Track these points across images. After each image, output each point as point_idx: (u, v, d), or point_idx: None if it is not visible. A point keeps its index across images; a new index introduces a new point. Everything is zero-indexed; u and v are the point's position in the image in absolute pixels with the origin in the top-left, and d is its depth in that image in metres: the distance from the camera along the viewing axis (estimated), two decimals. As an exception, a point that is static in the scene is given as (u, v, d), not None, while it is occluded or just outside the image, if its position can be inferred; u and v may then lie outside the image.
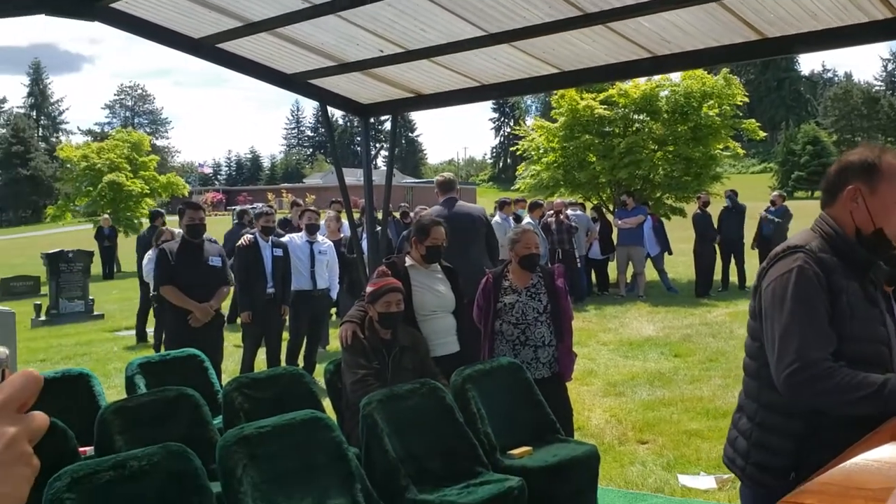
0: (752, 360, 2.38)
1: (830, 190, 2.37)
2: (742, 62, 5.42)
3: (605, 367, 8.39)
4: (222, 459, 3.02)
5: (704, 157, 15.40)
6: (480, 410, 3.98)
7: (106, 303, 15.71)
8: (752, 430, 2.36)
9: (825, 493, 1.21)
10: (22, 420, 0.69)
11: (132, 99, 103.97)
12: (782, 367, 2.13)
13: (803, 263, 2.21)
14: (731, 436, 2.47)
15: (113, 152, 25.60)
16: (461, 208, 6.63)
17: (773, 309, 2.22)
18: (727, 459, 2.49)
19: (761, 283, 2.33)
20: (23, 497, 0.68)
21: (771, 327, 2.21)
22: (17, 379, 0.69)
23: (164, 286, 6.09)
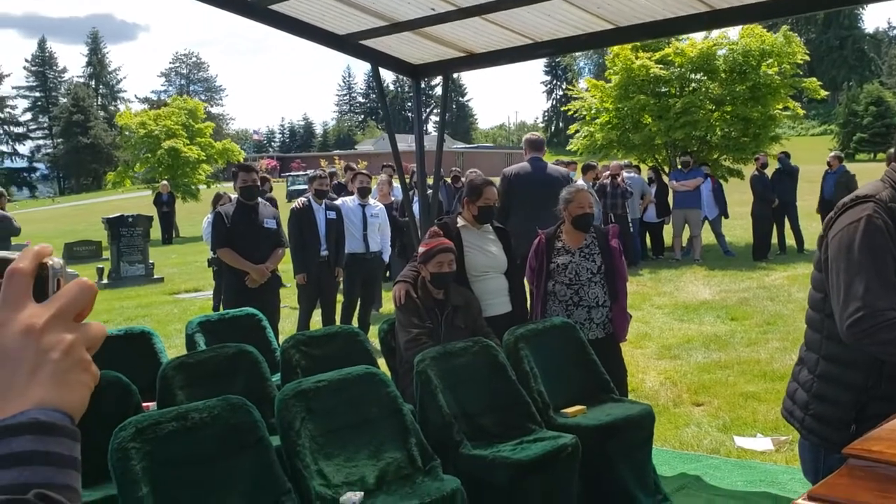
0: (816, 312, 2.35)
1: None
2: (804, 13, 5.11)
3: (660, 330, 8.31)
4: (281, 412, 3.09)
5: (763, 117, 14.99)
6: (533, 369, 3.98)
7: (165, 267, 16.09)
8: (813, 382, 2.34)
9: (894, 440, 1.18)
10: (79, 328, 0.70)
11: (187, 67, 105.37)
12: (846, 316, 2.09)
13: (872, 213, 2.16)
14: (791, 388, 2.46)
15: (170, 119, 26.03)
16: (545, 168, 6.55)
17: (839, 258, 2.18)
18: (785, 412, 2.47)
19: (828, 233, 2.29)
20: (83, 402, 0.69)
21: (836, 276, 2.18)
22: (72, 288, 0.71)
23: (220, 248, 6.20)
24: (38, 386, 0.66)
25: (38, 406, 0.65)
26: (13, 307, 0.68)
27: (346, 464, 3.09)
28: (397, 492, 3.02)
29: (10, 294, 0.69)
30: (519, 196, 6.23)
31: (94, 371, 0.71)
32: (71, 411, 0.67)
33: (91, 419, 3.00)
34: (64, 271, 0.71)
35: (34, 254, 0.71)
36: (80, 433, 0.68)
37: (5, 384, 0.66)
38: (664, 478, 4.36)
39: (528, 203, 6.03)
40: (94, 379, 0.71)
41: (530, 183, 6.29)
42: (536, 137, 6.95)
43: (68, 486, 0.65)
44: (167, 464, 2.79)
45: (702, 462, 4.65)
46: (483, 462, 3.33)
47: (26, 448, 0.63)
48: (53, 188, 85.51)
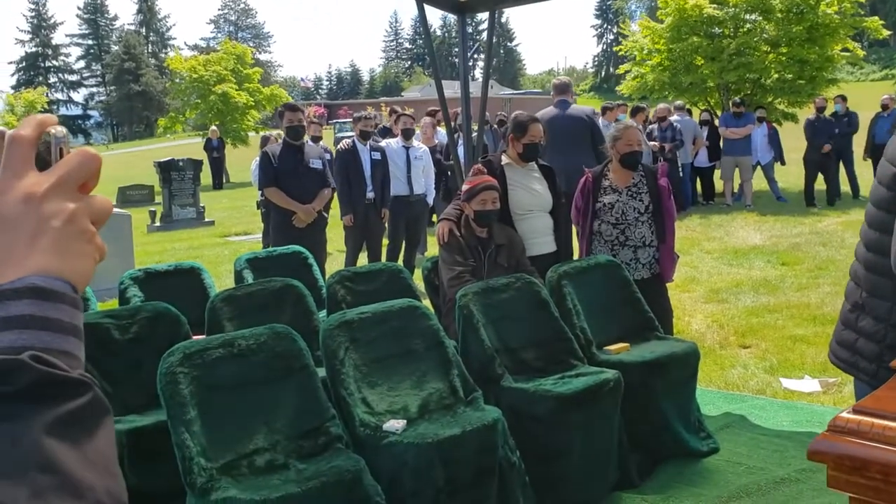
0: (882, 256, 2.16)
1: None
2: None
3: (708, 274, 8.20)
4: (325, 341, 3.14)
5: (821, 59, 14.45)
6: (576, 306, 3.96)
7: (216, 211, 16.35)
8: (887, 332, 2.19)
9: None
10: (83, 198, 0.68)
11: (235, 13, 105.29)
12: None
13: None
14: (848, 338, 2.32)
15: (219, 64, 26.16)
16: (572, 110, 7.16)
17: None
18: (844, 364, 2.34)
19: None
20: (86, 272, 0.67)
21: None
22: (74, 157, 0.69)
23: (268, 188, 6.26)
24: (39, 253, 0.64)
25: (38, 273, 0.64)
26: (14, 174, 0.66)
27: (388, 393, 3.14)
28: (439, 420, 3.06)
29: (10, 161, 0.66)
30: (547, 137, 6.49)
31: (99, 243, 0.69)
32: (73, 280, 0.66)
33: (142, 349, 3.10)
34: (67, 140, 0.70)
35: (38, 122, 0.69)
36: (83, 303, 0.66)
37: (5, 251, 0.64)
38: (708, 417, 4.35)
39: (555, 143, 6.34)
40: (100, 251, 0.69)
41: (556, 124, 6.89)
42: (560, 81, 7.60)
43: (67, 353, 0.63)
44: (214, 388, 2.86)
45: (747, 402, 4.62)
46: (524, 395, 3.35)
47: (24, 312, 0.62)
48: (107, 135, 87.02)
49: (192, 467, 2.65)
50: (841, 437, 1.12)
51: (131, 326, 3.66)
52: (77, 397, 0.62)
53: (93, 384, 0.64)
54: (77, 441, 0.60)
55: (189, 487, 2.66)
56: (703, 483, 3.62)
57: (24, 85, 74.68)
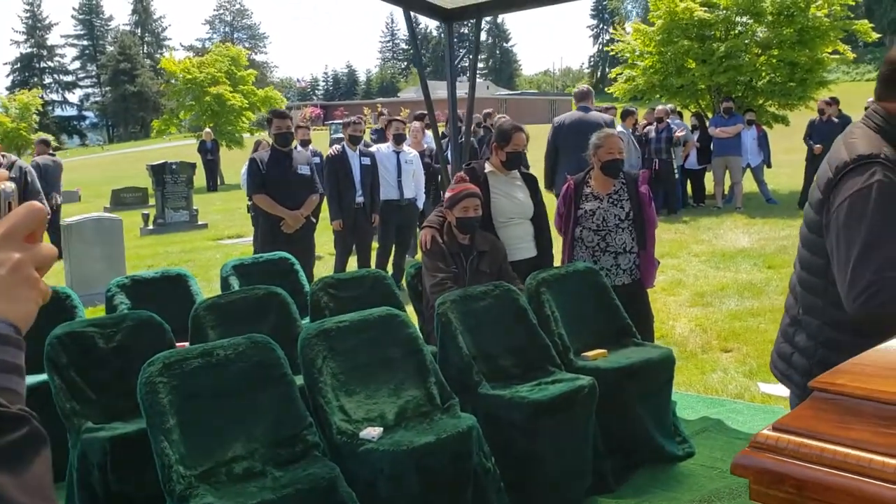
0: (817, 278, 2.22)
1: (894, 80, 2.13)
2: None
3: (695, 277, 8.28)
4: (303, 350, 3.20)
5: (811, 61, 14.54)
6: (554, 313, 4.03)
7: (209, 213, 16.39)
8: (817, 349, 2.25)
9: (859, 374, 1.21)
10: (28, 248, 0.76)
11: (231, 14, 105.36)
12: (856, 293, 1.99)
13: (883, 177, 2.01)
14: (785, 351, 2.38)
15: (213, 66, 26.21)
16: (591, 115, 7.85)
17: (847, 228, 2.04)
18: (780, 374, 2.41)
19: (830, 196, 2.13)
20: (30, 316, 0.75)
21: (846, 248, 2.04)
22: (21, 210, 0.76)
23: (256, 194, 6.32)
24: None
25: None
26: None
27: (366, 401, 3.21)
28: (415, 427, 3.12)
29: None
30: (567, 141, 7.56)
31: (44, 288, 0.77)
32: (17, 322, 0.74)
33: (126, 357, 3.15)
34: (15, 196, 0.77)
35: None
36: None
37: None
38: (686, 421, 4.42)
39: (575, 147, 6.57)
40: (43, 295, 0.77)
41: (575, 129, 7.55)
42: (581, 89, 8.45)
43: (9, 390, 0.71)
44: (193, 397, 2.92)
45: (725, 406, 4.69)
46: (501, 401, 3.41)
47: None
48: (103, 136, 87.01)
49: (171, 475, 2.72)
50: (761, 453, 1.19)
51: (116, 335, 3.72)
52: (16, 430, 0.70)
53: (31, 417, 0.71)
54: (15, 470, 0.68)
55: (168, 495, 2.72)
56: (678, 487, 3.70)
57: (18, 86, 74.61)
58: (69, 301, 4.55)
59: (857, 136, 2.18)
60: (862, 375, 1.20)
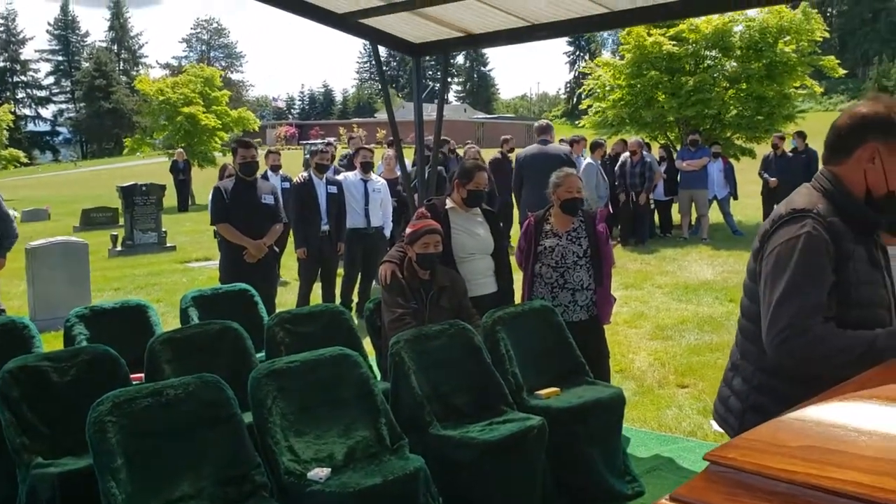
0: (752, 323, 2.31)
1: (842, 147, 2.24)
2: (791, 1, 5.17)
3: (657, 310, 8.38)
4: (253, 391, 3.22)
5: (778, 95, 14.85)
6: (509, 351, 4.08)
7: (178, 235, 16.31)
8: (749, 393, 2.33)
9: (749, 449, 1.27)
10: None
11: (208, 33, 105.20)
12: (774, 334, 2.11)
13: (812, 230, 2.13)
14: (724, 394, 2.46)
15: (187, 87, 26.16)
16: (550, 148, 8.37)
17: (774, 275, 2.16)
18: (718, 417, 2.49)
19: (764, 245, 2.25)
20: None
21: (770, 292, 2.15)
22: None
23: (219, 224, 6.33)
24: None
25: None
26: None
27: (315, 441, 3.23)
28: (363, 469, 3.15)
29: None
30: (528, 172, 8.07)
31: None
32: None
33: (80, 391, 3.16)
34: None
35: None
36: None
37: None
38: (639, 459, 4.48)
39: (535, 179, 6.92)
40: None
41: (536, 162, 8.05)
42: (541, 124, 8.82)
43: None
44: (142, 436, 2.93)
45: (678, 444, 4.76)
46: (451, 442, 3.45)
47: None
48: (76, 152, 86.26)
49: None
50: (658, 524, 1.24)
51: (70, 369, 3.72)
52: None
53: None
54: None
55: (113, 535, 2.72)
56: (627, 527, 3.75)
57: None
58: (27, 332, 4.52)
59: (801, 194, 2.30)
60: (752, 450, 1.26)
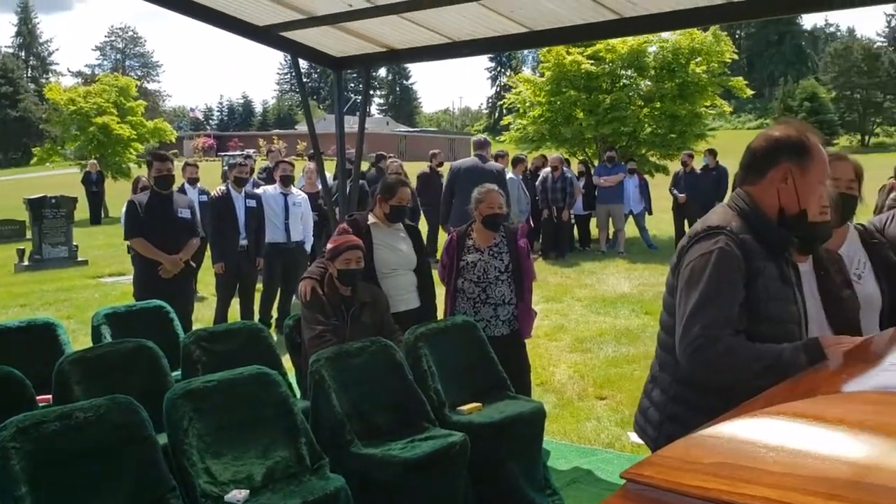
0: (670, 336, 2.38)
1: (757, 168, 2.35)
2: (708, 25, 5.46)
3: (576, 323, 8.53)
4: (169, 412, 3.13)
5: (690, 114, 15.38)
6: (431, 367, 4.08)
7: (91, 249, 15.75)
8: (667, 404, 2.40)
9: (663, 466, 1.29)
10: None
11: (123, 41, 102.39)
12: (686, 344, 2.19)
13: (724, 246, 2.23)
14: (644, 405, 2.53)
15: (100, 97, 25.37)
16: (485, 165, 8.78)
17: (687, 288, 2.25)
18: (638, 428, 2.55)
19: (681, 260, 2.35)
20: None
21: (684, 304, 2.25)
22: None
23: (133, 239, 6.15)
24: None
25: None
26: None
27: (234, 462, 3.16)
28: (283, 490, 3.09)
29: None
30: (462, 186, 8.23)
31: None
32: None
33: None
34: None
35: None
36: None
37: None
38: (558, 471, 4.53)
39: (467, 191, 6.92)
40: None
41: (470, 175, 8.38)
42: (479, 139, 9.57)
43: None
44: (50, 463, 2.81)
45: (597, 456, 4.84)
46: (372, 460, 3.42)
47: None
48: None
49: (21, 547, 2.59)
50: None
51: (-30, 392, 3.54)
52: None
53: None
54: None
55: (16, 568, 2.59)
56: (547, 540, 3.78)
57: None
58: (-79, 354, 4.28)
59: (717, 212, 2.40)
60: (667, 468, 1.29)
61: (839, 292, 2.69)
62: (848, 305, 2.71)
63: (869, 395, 1.34)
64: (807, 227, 2.37)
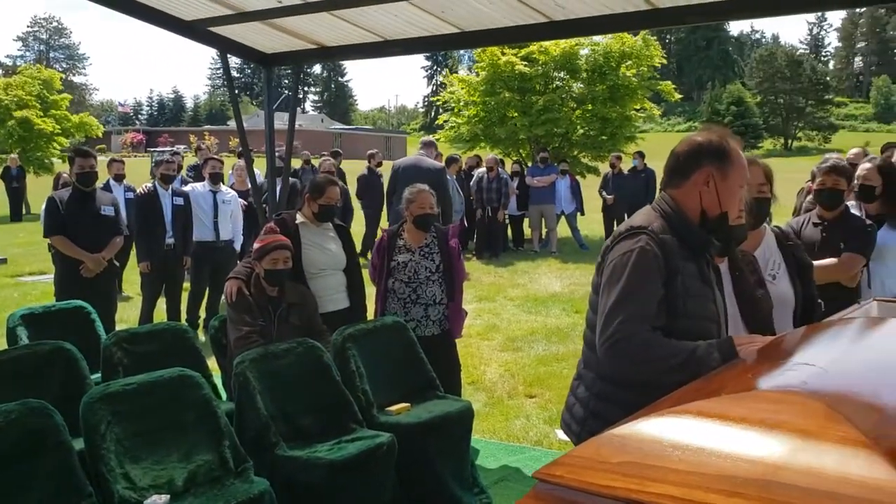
0: (593, 333, 2.42)
1: (680, 171, 2.42)
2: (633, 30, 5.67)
3: (508, 322, 8.60)
4: (85, 416, 3.04)
5: (620, 117, 15.67)
6: (360, 368, 4.06)
7: (10, 246, 15.21)
8: (590, 400, 2.44)
9: (573, 465, 1.31)
10: None
11: (47, 32, 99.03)
12: (603, 339, 2.24)
13: (645, 245, 2.29)
14: (570, 402, 2.57)
15: (21, 89, 24.46)
16: (425, 162, 8.66)
17: (608, 285, 2.31)
18: (565, 425, 2.59)
19: (604, 259, 2.41)
20: None
21: (604, 301, 2.30)
22: None
23: (53, 236, 5.95)
24: None
25: None
26: None
27: (154, 466, 3.08)
28: (205, 494, 3.04)
29: None
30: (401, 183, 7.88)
31: None
32: None
33: None
34: None
35: None
36: None
37: None
38: (487, 470, 4.56)
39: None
40: None
41: (410, 173, 8.33)
42: (426, 139, 9.64)
43: None
44: (-44, 472, 2.70)
45: (525, 454, 4.89)
46: (298, 463, 3.38)
47: None
48: None
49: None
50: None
51: None
52: None
53: None
54: None
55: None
56: (475, 538, 3.80)
57: None
58: None
59: (641, 213, 2.47)
60: (577, 467, 1.31)
61: (753, 292, 2.78)
62: (761, 305, 2.80)
63: (770, 394, 1.39)
64: (727, 228, 2.44)
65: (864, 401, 1.35)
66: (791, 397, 1.34)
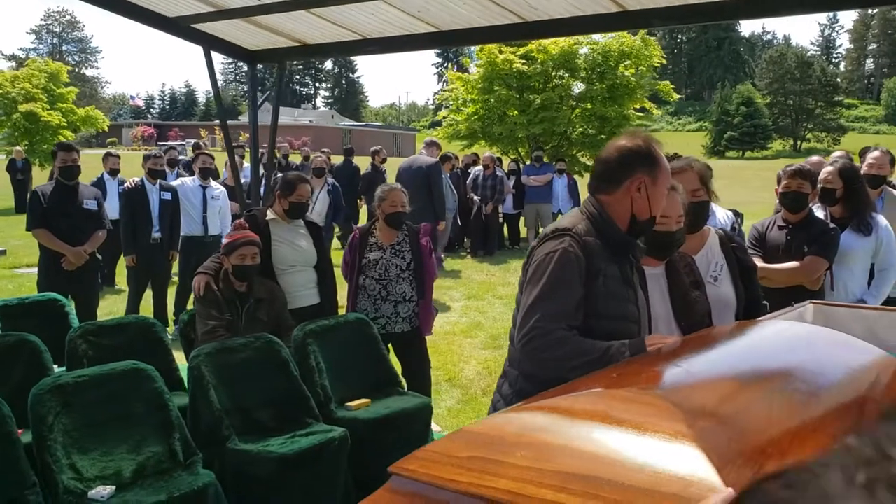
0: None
1: (612, 179, 2.45)
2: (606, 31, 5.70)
3: (494, 320, 8.63)
4: (34, 407, 3.09)
5: (619, 116, 15.65)
6: (319, 364, 4.11)
7: (11, 238, 15.31)
8: (512, 398, 2.46)
9: (426, 460, 1.35)
10: None
11: (60, 25, 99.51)
12: (521, 335, 2.29)
13: (568, 246, 2.34)
14: (495, 399, 2.62)
15: (28, 82, 24.62)
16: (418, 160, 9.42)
17: (530, 284, 2.37)
18: None
19: (530, 259, 2.46)
20: None
21: (525, 299, 2.36)
22: None
23: (35, 229, 6.03)
24: None
25: None
26: None
27: (102, 458, 3.14)
28: (151, 486, 3.09)
29: None
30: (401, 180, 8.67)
31: None
32: None
33: None
34: None
35: None
36: None
37: None
38: (451, 467, 4.60)
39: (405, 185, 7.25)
40: None
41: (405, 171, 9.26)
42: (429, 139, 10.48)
43: None
44: None
45: (491, 451, 4.92)
46: (248, 456, 3.44)
47: None
48: None
49: None
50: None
51: None
52: None
53: None
54: None
55: None
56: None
57: None
58: None
59: (568, 215, 2.54)
60: (428, 461, 1.35)
61: (687, 294, 2.81)
62: (696, 307, 2.83)
63: (623, 392, 1.42)
64: (653, 232, 2.49)
65: (707, 402, 1.38)
66: (643, 397, 1.38)
